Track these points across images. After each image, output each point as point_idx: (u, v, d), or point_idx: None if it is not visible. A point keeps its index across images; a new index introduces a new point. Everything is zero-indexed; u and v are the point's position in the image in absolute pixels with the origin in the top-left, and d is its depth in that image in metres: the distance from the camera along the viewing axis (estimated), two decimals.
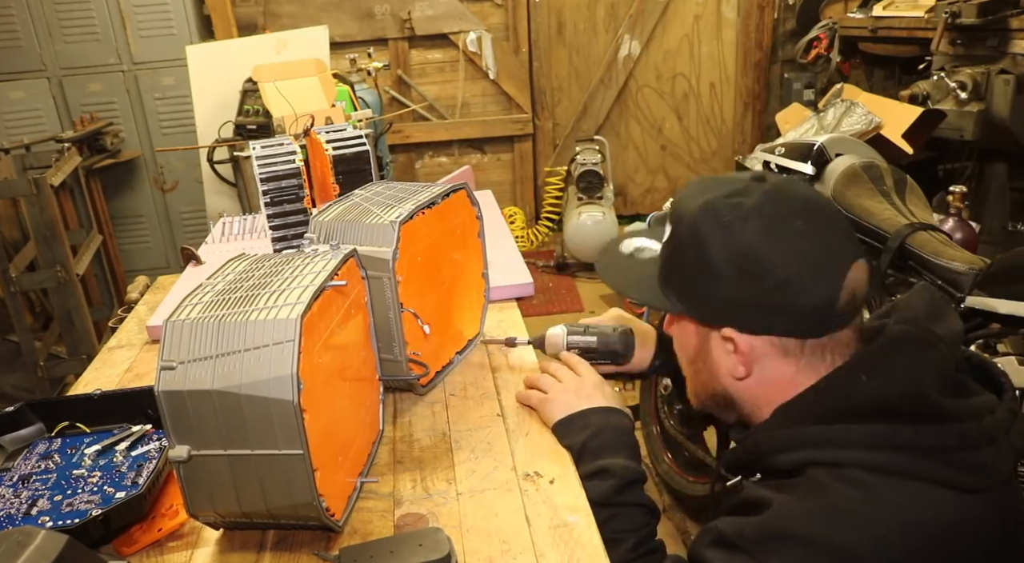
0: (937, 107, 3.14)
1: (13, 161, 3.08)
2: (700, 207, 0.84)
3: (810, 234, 0.81)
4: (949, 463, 0.75)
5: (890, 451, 0.75)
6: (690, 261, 0.86)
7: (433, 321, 1.16)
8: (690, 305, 0.89)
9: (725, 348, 0.87)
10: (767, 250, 0.80)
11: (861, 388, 0.79)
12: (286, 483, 0.82)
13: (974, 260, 1.64)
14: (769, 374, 0.86)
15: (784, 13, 4.46)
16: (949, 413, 0.76)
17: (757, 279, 0.81)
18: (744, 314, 0.83)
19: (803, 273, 0.79)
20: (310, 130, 1.49)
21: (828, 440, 0.78)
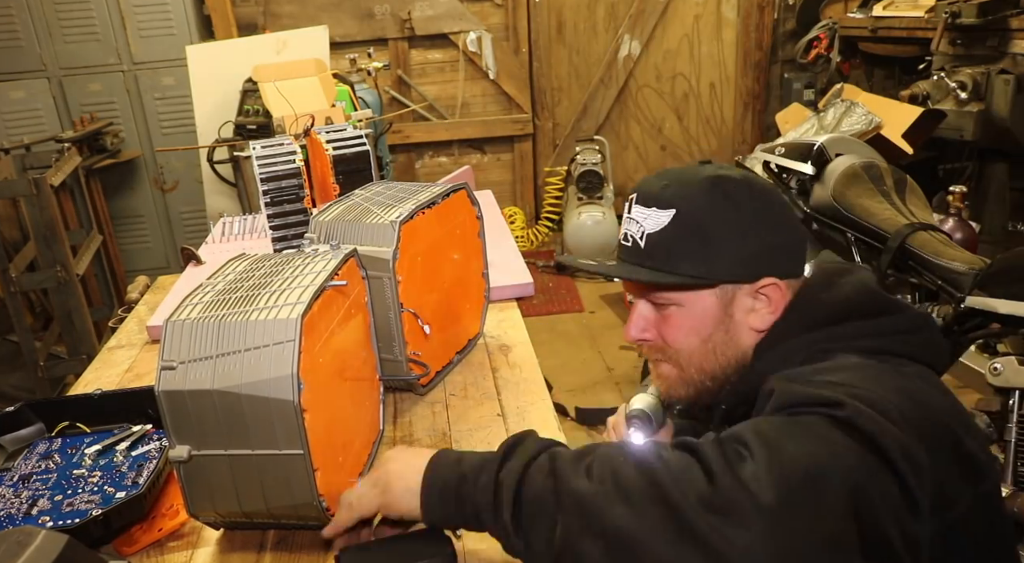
0: (937, 107, 3.14)
1: (13, 161, 3.08)
2: (707, 182, 0.91)
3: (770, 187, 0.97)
4: (907, 342, 0.87)
5: (868, 339, 0.86)
6: (723, 226, 0.89)
7: (433, 321, 1.16)
8: (722, 270, 0.90)
9: (755, 304, 0.91)
10: (778, 196, 0.93)
11: (827, 299, 0.89)
12: (286, 483, 0.82)
13: (974, 260, 1.64)
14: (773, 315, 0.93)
15: (784, 13, 4.46)
16: (897, 306, 0.89)
17: (785, 218, 0.92)
18: (776, 259, 0.91)
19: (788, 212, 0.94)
20: (310, 130, 1.50)
21: (814, 342, 0.87)
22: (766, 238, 0.90)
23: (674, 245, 0.91)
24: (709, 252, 0.89)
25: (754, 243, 0.90)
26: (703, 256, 0.90)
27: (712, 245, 0.89)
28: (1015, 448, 1.55)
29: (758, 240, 0.90)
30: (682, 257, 0.90)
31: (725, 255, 0.89)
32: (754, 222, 0.90)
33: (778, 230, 0.91)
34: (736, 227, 0.89)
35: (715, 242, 0.89)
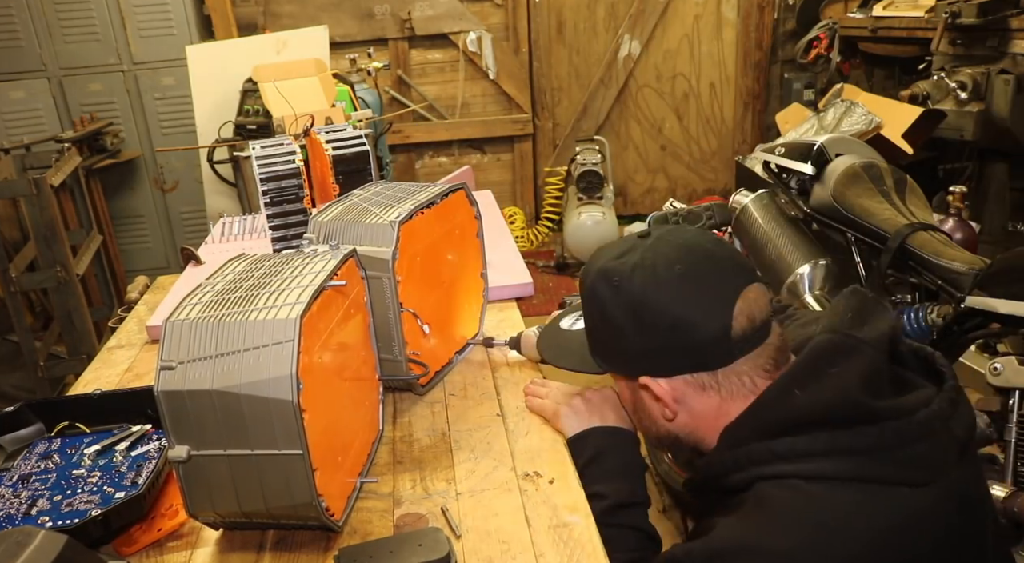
0: (937, 107, 3.14)
1: (13, 161, 3.08)
2: (595, 273, 0.92)
3: (690, 275, 0.86)
4: (890, 460, 0.78)
5: (832, 457, 0.78)
6: (597, 323, 0.94)
7: (433, 321, 1.16)
8: (610, 363, 0.96)
9: (649, 395, 0.92)
10: (654, 298, 0.86)
11: (796, 402, 0.82)
12: (286, 483, 0.82)
13: (974, 260, 1.64)
14: (697, 409, 0.90)
15: (784, 13, 4.46)
16: (883, 413, 0.79)
17: (652, 327, 0.87)
18: (652, 361, 0.89)
19: (690, 312, 0.85)
20: (310, 130, 1.49)
21: (772, 454, 0.81)
22: (635, 342, 0.89)
23: (588, 333, 0.99)
24: (601, 345, 0.96)
25: (626, 343, 0.90)
26: (600, 346, 0.97)
27: (600, 339, 0.96)
28: (1015, 448, 1.55)
29: (634, 340, 0.89)
30: (592, 343, 0.98)
31: (603, 347, 0.96)
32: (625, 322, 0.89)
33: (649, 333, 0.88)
34: (610, 324, 0.91)
35: (601, 337, 0.95)
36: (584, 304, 0.97)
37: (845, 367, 0.82)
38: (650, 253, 0.89)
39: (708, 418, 0.89)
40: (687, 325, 0.85)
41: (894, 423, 0.79)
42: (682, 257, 0.88)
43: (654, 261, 0.88)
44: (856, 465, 0.78)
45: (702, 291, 0.86)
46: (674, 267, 0.87)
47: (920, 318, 1.76)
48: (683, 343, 0.86)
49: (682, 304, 0.85)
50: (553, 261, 4.29)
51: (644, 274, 0.87)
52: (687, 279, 0.86)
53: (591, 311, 0.95)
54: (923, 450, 0.79)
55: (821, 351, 0.85)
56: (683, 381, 0.88)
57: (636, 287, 0.87)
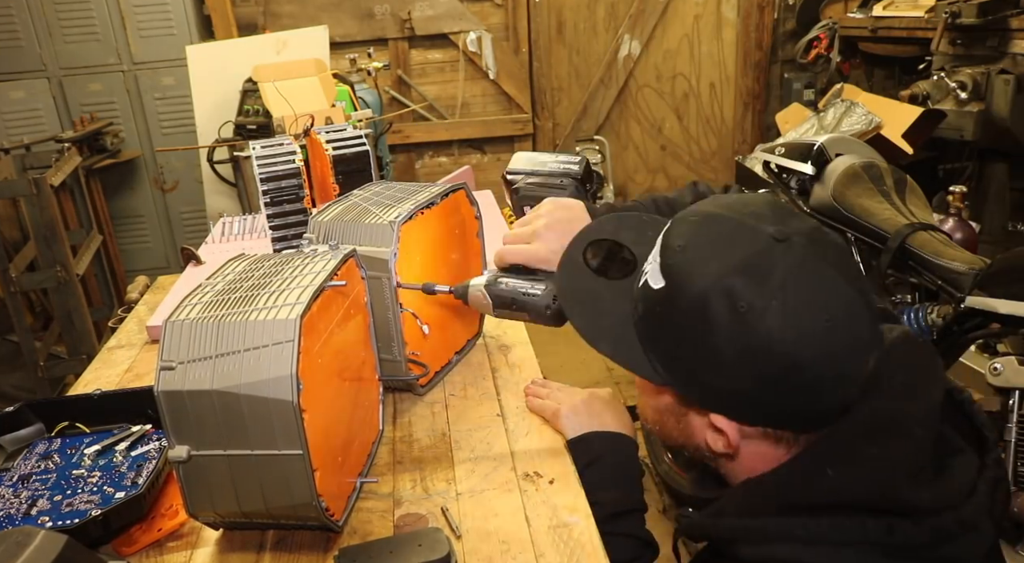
0: (937, 107, 3.14)
1: (13, 161, 3.08)
2: (712, 282, 0.71)
3: (839, 328, 0.69)
4: (923, 558, 0.69)
5: (859, 547, 0.69)
6: (690, 339, 0.74)
7: (432, 321, 1.16)
8: (677, 380, 0.78)
9: (707, 422, 0.78)
10: (787, 351, 0.68)
11: (826, 482, 0.71)
12: (286, 483, 0.82)
13: (974, 260, 1.64)
14: (754, 453, 0.78)
15: (784, 13, 4.46)
16: (922, 507, 0.69)
17: (769, 379, 0.70)
18: (742, 406, 0.74)
19: (823, 375, 0.69)
20: (310, 130, 1.49)
21: (791, 535, 0.71)
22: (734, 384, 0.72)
23: (650, 319, 0.78)
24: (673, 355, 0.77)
25: (723, 380, 0.72)
26: (668, 353, 0.77)
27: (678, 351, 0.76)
28: (1015, 448, 1.55)
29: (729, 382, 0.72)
30: (652, 336, 0.78)
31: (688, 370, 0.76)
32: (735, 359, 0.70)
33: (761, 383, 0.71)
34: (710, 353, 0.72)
35: (681, 351, 0.75)
36: (673, 303, 0.74)
37: (888, 449, 0.71)
38: (794, 281, 0.69)
39: (760, 462, 0.77)
40: (813, 393, 0.70)
41: (934, 520, 0.69)
42: (834, 298, 0.69)
43: (798, 297, 0.69)
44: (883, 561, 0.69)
45: (845, 352, 0.70)
46: (821, 316, 0.68)
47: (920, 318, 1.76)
48: (795, 406, 0.72)
49: (818, 367, 0.69)
50: None
51: (784, 313, 0.68)
52: (835, 335, 0.69)
53: (685, 321, 0.73)
54: (962, 547, 0.70)
55: (863, 426, 0.72)
56: (763, 431, 0.75)
57: (771, 330, 0.68)
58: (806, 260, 0.70)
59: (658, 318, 0.77)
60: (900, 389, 0.75)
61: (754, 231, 0.72)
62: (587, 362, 3.31)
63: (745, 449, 0.78)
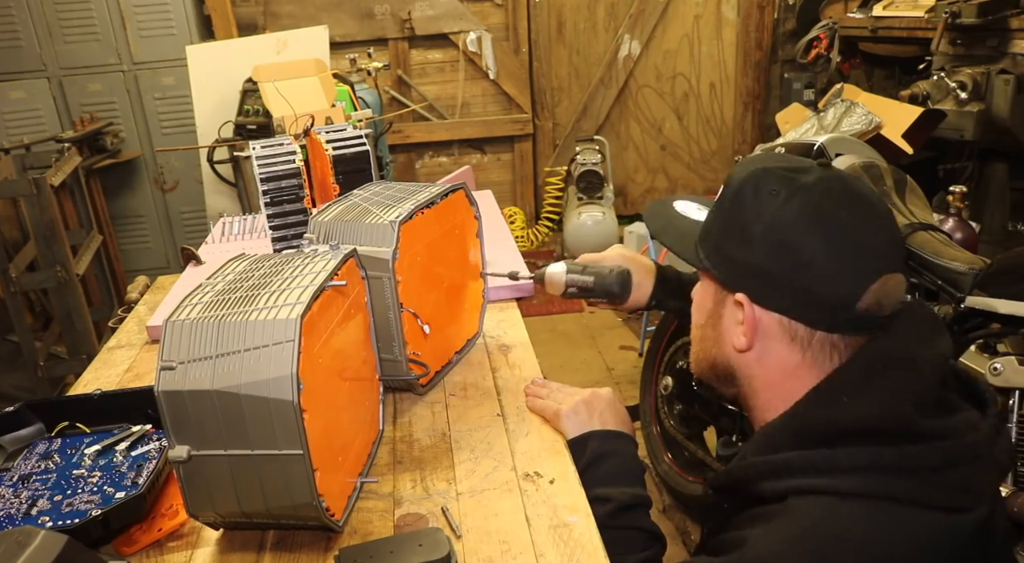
0: (937, 107, 3.14)
1: (13, 161, 3.08)
2: (754, 172, 0.85)
3: (852, 228, 0.80)
4: (933, 483, 0.74)
5: (874, 473, 0.74)
6: (727, 220, 0.87)
7: (433, 321, 1.16)
8: (715, 262, 0.89)
9: (736, 318, 0.86)
10: (802, 229, 0.80)
11: (842, 410, 0.78)
12: (286, 483, 0.82)
13: (974, 260, 1.64)
14: (773, 355, 0.85)
15: (784, 13, 4.46)
16: (931, 432, 0.75)
17: (786, 254, 0.80)
18: (762, 284, 0.83)
19: (829, 262, 0.79)
20: (310, 130, 1.49)
21: (811, 465, 0.76)
22: (771, 261, 0.82)
23: (707, 222, 0.92)
24: (714, 240, 0.89)
25: (754, 256, 0.83)
26: (711, 241, 0.90)
27: (717, 235, 0.89)
28: (1015, 448, 1.55)
29: (761, 257, 0.82)
30: (704, 234, 0.92)
31: (721, 250, 0.88)
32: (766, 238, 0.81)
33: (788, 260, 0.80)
34: (743, 231, 0.84)
35: (719, 233, 0.88)
36: (725, 194, 0.88)
37: (901, 383, 0.77)
38: (824, 184, 0.81)
39: (775, 372, 0.85)
40: (820, 273, 0.79)
41: (941, 444, 0.74)
42: (852, 207, 0.81)
43: (824, 193, 0.81)
44: (896, 486, 0.74)
45: (853, 250, 0.79)
46: (839, 212, 0.80)
47: None
48: (805, 287, 0.80)
49: (826, 252, 0.79)
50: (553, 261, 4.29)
51: (807, 200, 0.80)
52: (846, 231, 0.80)
53: (729, 206, 0.87)
54: (969, 474, 0.75)
55: (876, 361, 0.80)
56: (779, 320, 0.83)
57: (792, 209, 0.80)
58: (840, 178, 0.83)
59: (710, 216, 0.91)
60: (912, 335, 0.82)
61: (806, 160, 0.86)
62: (587, 362, 3.31)
63: (761, 350, 0.85)
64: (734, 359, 0.89)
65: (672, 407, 2.27)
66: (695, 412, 2.15)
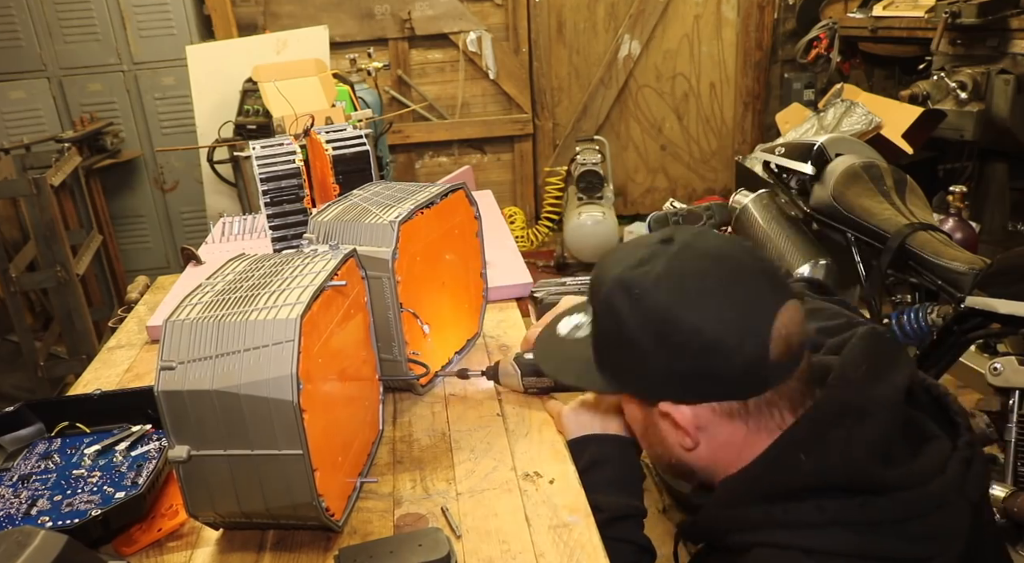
0: (937, 107, 3.14)
1: (13, 161, 3.08)
2: (611, 282, 0.82)
3: (724, 289, 0.77)
4: (898, 535, 0.72)
5: (837, 529, 0.72)
6: (612, 338, 0.84)
7: (432, 321, 1.16)
8: (624, 383, 0.87)
9: (667, 423, 0.84)
10: (683, 314, 0.77)
11: (800, 468, 0.76)
12: (286, 483, 0.82)
13: (974, 260, 1.64)
14: (720, 440, 0.82)
15: (784, 13, 4.46)
16: (894, 483, 0.73)
17: (679, 347, 0.77)
18: (676, 385, 0.80)
19: (725, 332, 0.76)
20: (310, 130, 1.49)
21: (772, 520, 0.75)
22: (657, 364, 0.80)
23: (594, 344, 0.91)
24: (613, 363, 0.87)
25: (648, 364, 0.80)
26: (611, 365, 0.88)
27: (613, 357, 0.87)
28: (1015, 448, 1.55)
29: (651, 363, 0.80)
30: (600, 358, 0.90)
31: (624, 369, 0.86)
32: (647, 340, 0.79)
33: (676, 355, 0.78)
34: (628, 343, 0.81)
35: (613, 354, 0.87)
36: (598, 317, 0.87)
37: (853, 432, 0.75)
38: (676, 262, 0.79)
39: (730, 450, 0.82)
40: (720, 348, 0.76)
41: (904, 495, 0.72)
42: (711, 269, 0.79)
43: (681, 272, 0.78)
44: (861, 540, 0.72)
45: (737, 309, 0.76)
46: (704, 280, 0.78)
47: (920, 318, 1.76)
48: (714, 368, 0.77)
49: (714, 323, 0.76)
50: (553, 261, 4.29)
51: (670, 287, 0.78)
52: (719, 295, 0.77)
53: (606, 326, 0.85)
54: (934, 523, 0.73)
55: (829, 412, 0.77)
56: (709, 409, 0.80)
57: (661, 302, 0.78)
58: (687, 247, 0.81)
59: (597, 340, 0.90)
60: (864, 377, 0.80)
61: (646, 242, 0.85)
62: None
63: (707, 440, 0.83)
64: (686, 458, 0.86)
65: None
66: None
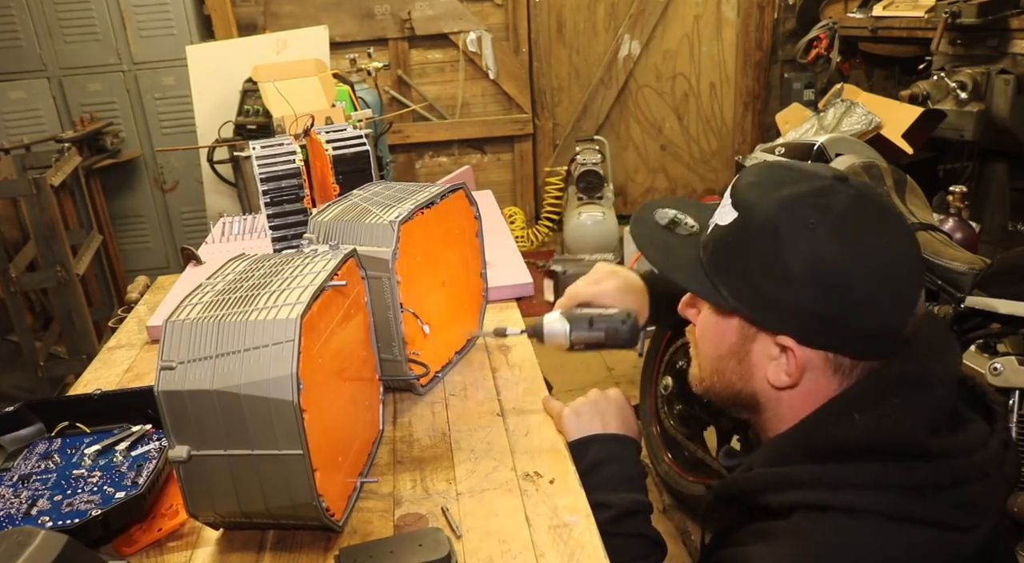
0: (937, 107, 3.14)
1: (13, 161, 3.08)
2: (781, 202, 0.77)
3: (894, 252, 0.76)
4: (941, 500, 0.73)
5: (881, 491, 0.73)
6: (760, 258, 0.78)
7: (433, 321, 1.16)
8: (744, 302, 0.81)
9: (772, 354, 0.81)
10: (851, 261, 0.75)
11: (852, 426, 0.76)
12: (286, 483, 0.82)
13: (974, 260, 1.64)
14: (810, 388, 0.81)
15: (784, 13, 4.46)
16: (941, 451, 0.74)
17: (833, 291, 0.75)
18: (810, 325, 0.77)
19: (882, 294, 0.75)
20: (310, 130, 1.49)
21: (817, 480, 0.75)
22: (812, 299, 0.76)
23: (721, 251, 0.83)
24: (742, 278, 0.80)
25: (794, 297, 0.76)
26: (738, 278, 0.81)
27: (748, 273, 0.79)
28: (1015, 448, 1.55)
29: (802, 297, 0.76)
30: (721, 267, 0.82)
31: (755, 290, 0.79)
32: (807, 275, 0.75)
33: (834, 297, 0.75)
34: (782, 269, 0.76)
35: (751, 271, 0.79)
36: (744, 229, 0.80)
37: (911, 400, 0.76)
38: (858, 206, 0.76)
39: (809, 402, 0.80)
40: (871, 306, 0.75)
41: (950, 462, 0.74)
42: (888, 227, 0.77)
43: (863, 217, 0.75)
44: (906, 502, 0.72)
45: (896, 279, 0.75)
46: (881, 235, 0.76)
47: None
48: (855, 322, 0.76)
49: (877, 281, 0.74)
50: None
51: (848, 230, 0.75)
52: (890, 254, 0.75)
53: (757, 243, 0.78)
54: (977, 491, 0.74)
55: (891, 379, 0.78)
56: (824, 356, 0.78)
57: (835, 242, 0.74)
58: (865, 196, 0.77)
59: (729, 247, 0.82)
60: (925, 351, 0.80)
61: (816, 173, 0.80)
62: (587, 362, 3.31)
63: (804, 382, 0.81)
64: (764, 392, 0.84)
65: (672, 407, 2.27)
66: (695, 412, 2.15)
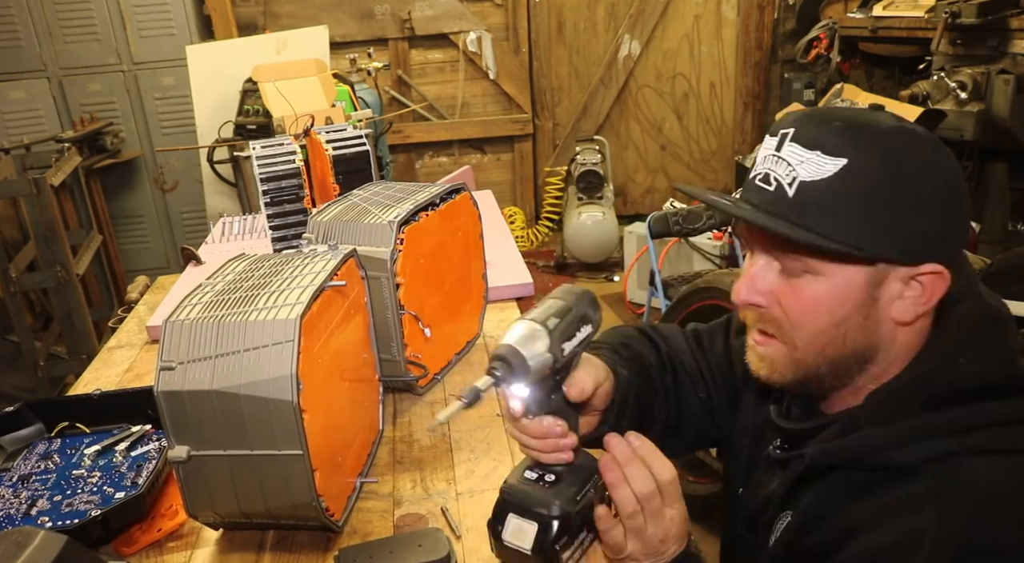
0: (937, 107, 3.14)
1: (13, 161, 3.08)
2: (885, 137, 0.75)
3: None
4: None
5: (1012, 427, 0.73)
6: (891, 189, 0.74)
7: (433, 322, 1.16)
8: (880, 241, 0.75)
9: (896, 292, 0.77)
10: (959, 173, 0.78)
11: (963, 371, 0.76)
12: (286, 483, 0.82)
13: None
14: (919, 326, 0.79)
15: (784, 13, 4.46)
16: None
17: (956, 208, 0.76)
18: (949, 242, 0.77)
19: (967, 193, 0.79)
20: (310, 130, 1.50)
21: (949, 427, 0.73)
22: (946, 217, 0.75)
23: (833, 203, 0.75)
24: (874, 220, 0.74)
25: (930, 220, 0.74)
26: (867, 223, 0.74)
27: (880, 212, 0.74)
28: None
29: (936, 218, 0.74)
30: (840, 219, 0.74)
31: (894, 227, 0.74)
32: (937, 194, 0.74)
33: (957, 208, 0.76)
34: (916, 196, 0.74)
35: (885, 209, 0.74)
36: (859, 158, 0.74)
37: (998, 336, 0.78)
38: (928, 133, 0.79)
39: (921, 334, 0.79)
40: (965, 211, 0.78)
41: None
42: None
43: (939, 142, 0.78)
44: None
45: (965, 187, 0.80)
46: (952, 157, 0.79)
47: None
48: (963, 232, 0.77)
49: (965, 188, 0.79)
50: (553, 261, 4.29)
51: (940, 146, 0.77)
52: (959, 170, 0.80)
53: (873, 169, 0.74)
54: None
55: (974, 319, 0.78)
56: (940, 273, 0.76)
57: (940, 156, 0.76)
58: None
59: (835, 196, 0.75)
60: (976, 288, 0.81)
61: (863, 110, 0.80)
62: None
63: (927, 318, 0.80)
64: (885, 338, 0.79)
65: None
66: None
